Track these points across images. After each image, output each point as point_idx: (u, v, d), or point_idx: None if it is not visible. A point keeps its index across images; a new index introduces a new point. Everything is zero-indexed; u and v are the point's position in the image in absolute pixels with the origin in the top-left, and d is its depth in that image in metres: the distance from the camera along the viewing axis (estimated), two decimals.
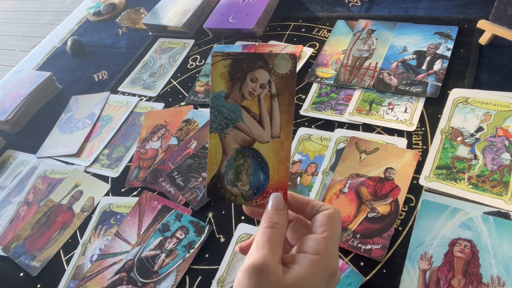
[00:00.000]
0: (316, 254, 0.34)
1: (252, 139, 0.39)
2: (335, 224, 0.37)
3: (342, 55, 0.79)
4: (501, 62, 0.67)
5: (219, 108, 0.39)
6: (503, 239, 0.49)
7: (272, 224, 0.36)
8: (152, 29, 1.05)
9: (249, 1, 0.94)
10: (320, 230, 0.36)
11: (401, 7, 0.83)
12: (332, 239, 0.36)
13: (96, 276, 0.65)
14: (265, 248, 0.34)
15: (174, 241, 0.64)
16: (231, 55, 0.39)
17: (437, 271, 0.50)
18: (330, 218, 0.37)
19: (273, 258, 0.34)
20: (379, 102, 0.69)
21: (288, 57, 0.37)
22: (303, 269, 0.34)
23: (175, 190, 0.70)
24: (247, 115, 0.39)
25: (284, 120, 0.37)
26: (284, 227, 0.37)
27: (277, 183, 0.38)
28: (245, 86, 0.38)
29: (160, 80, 0.93)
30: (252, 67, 0.38)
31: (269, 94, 0.38)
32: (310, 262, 0.34)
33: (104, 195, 0.76)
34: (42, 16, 3.38)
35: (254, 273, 0.33)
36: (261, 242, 0.35)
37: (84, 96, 0.97)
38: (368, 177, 0.60)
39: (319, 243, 0.35)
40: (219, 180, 0.40)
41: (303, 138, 0.69)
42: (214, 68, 0.39)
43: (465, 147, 0.59)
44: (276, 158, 0.38)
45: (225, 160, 0.39)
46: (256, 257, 0.34)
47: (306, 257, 0.34)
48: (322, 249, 0.35)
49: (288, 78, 0.37)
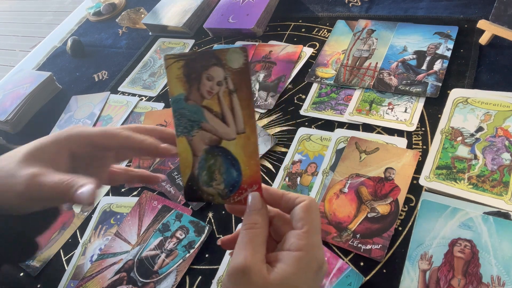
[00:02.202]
0: (299, 250, 0.34)
1: (218, 138, 0.38)
2: (313, 215, 0.37)
3: (342, 55, 0.79)
4: (501, 62, 0.67)
5: (181, 111, 0.39)
6: (503, 239, 0.49)
7: (251, 225, 0.36)
8: (152, 29, 1.05)
9: (249, 1, 0.94)
10: (299, 224, 0.36)
11: (401, 7, 0.83)
12: (313, 232, 0.36)
13: (96, 276, 0.65)
14: (247, 249, 0.34)
15: (174, 241, 0.64)
16: (183, 56, 0.38)
17: (437, 271, 0.50)
18: (307, 211, 0.36)
19: (256, 258, 0.34)
20: (379, 102, 0.69)
21: (239, 50, 0.36)
22: (287, 267, 0.34)
23: (175, 190, 0.70)
24: (209, 114, 0.38)
25: (246, 114, 0.37)
26: (264, 225, 0.37)
27: (250, 178, 0.38)
28: (202, 86, 0.38)
29: (160, 80, 0.93)
30: (206, 65, 0.37)
31: (227, 91, 0.37)
32: (294, 259, 0.34)
33: (104, 195, 0.76)
34: (42, 16, 3.38)
35: (237, 275, 0.33)
36: (243, 244, 0.35)
37: (84, 96, 0.97)
38: (368, 177, 0.60)
39: (301, 239, 0.35)
40: (194, 182, 0.39)
41: (303, 138, 0.69)
42: (168, 71, 0.38)
43: (465, 147, 0.59)
44: (245, 154, 0.38)
45: (196, 162, 0.39)
46: (238, 259, 0.34)
47: (290, 254, 0.34)
48: (304, 244, 0.35)
49: (242, 72, 0.36)
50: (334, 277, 0.53)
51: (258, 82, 0.81)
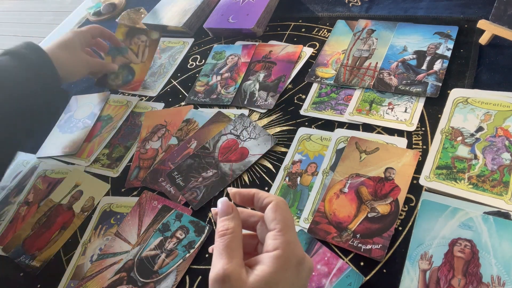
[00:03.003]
0: (276, 249, 0.35)
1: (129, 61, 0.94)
2: (283, 213, 0.37)
3: (342, 55, 0.79)
4: (501, 62, 0.67)
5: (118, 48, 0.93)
6: (503, 239, 0.49)
7: (223, 232, 0.37)
8: (152, 29, 1.05)
9: (249, 1, 0.94)
10: (272, 225, 0.37)
11: (401, 7, 0.83)
12: (286, 230, 0.36)
13: (96, 276, 0.65)
14: (223, 257, 0.35)
15: (174, 241, 0.64)
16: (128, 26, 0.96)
17: (437, 271, 0.50)
18: (276, 211, 0.37)
19: (233, 264, 0.34)
20: (379, 102, 0.69)
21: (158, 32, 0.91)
22: (266, 267, 0.34)
23: (175, 190, 0.70)
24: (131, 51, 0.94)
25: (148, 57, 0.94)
26: (237, 230, 0.37)
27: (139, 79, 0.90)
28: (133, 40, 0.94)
29: (160, 80, 0.93)
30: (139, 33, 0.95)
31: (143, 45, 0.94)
32: (271, 258, 0.34)
33: (104, 195, 0.76)
34: (42, 16, 3.38)
35: (218, 284, 0.34)
36: (218, 252, 0.36)
37: (84, 96, 0.97)
38: (368, 177, 0.61)
39: (275, 238, 0.36)
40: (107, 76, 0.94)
41: (303, 138, 0.69)
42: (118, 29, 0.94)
43: (465, 147, 0.59)
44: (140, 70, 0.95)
45: None
46: (216, 268, 0.34)
47: (267, 255, 0.35)
48: (279, 242, 0.35)
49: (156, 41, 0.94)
50: (334, 277, 0.53)
51: (258, 82, 0.81)
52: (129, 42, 0.94)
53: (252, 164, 0.69)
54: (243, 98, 0.80)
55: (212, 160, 0.72)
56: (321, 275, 0.53)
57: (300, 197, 0.63)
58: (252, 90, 0.80)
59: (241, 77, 0.83)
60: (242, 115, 0.76)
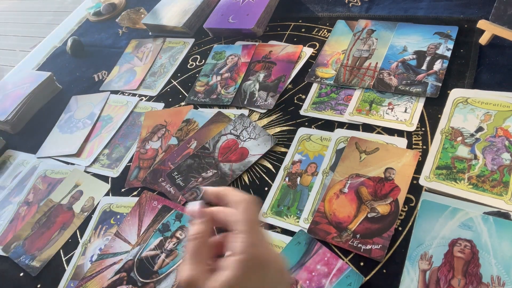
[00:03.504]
0: (239, 253, 0.35)
1: None
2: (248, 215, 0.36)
3: (342, 55, 0.79)
4: (501, 62, 0.67)
5: None
6: (503, 239, 0.49)
7: (193, 236, 0.37)
8: (152, 29, 1.05)
9: (249, 1, 0.94)
10: (237, 227, 0.36)
11: (401, 7, 0.83)
12: (250, 231, 0.35)
13: (96, 276, 0.65)
14: (189, 262, 0.35)
15: (174, 241, 0.64)
16: None
17: (437, 271, 0.50)
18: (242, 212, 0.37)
19: (198, 270, 0.35)
20: (379, 102, 0.69)
21: None
22: (229, 271, 0.34)
23: (175, 190, 0.70)
24: None
25: None
26: (204, 234, 0.37)
27: None
28: None
29: (160, 80, 0.93)
30: None
31: None
32: (234, 262, 0.34)
33: (104, 195, 0.76)
34: (42, 16, 3.38)
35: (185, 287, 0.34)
36: (185, 258, 0.36)
37: (84, 96, 0.97)
38: (368, 177, 0.60)
39: (238, 241, 0.35)
40: None
41: (303, 138, 0.69)
42: None
43: (465, 147, 0.59)
44: None
45: None
46: (184, 273, 0.35)
47: (231, 259, 0.35)
48: (242, 246, 0.35)
49: None
50: (334, 277, 0.53)
51: (258, 82, 0.81)
52: (136, 51, 1.01)
53: (252, 164, 0.69)
54: (243, 98, 0.80)
55: (212, 160, 0.72)
56: (321, 275, 0.53)
57: (300, 197, 0.63)
58: (252, 90, 0.80)
59: (241, 77, 0.83)
60: (242, 115, 0.76)
